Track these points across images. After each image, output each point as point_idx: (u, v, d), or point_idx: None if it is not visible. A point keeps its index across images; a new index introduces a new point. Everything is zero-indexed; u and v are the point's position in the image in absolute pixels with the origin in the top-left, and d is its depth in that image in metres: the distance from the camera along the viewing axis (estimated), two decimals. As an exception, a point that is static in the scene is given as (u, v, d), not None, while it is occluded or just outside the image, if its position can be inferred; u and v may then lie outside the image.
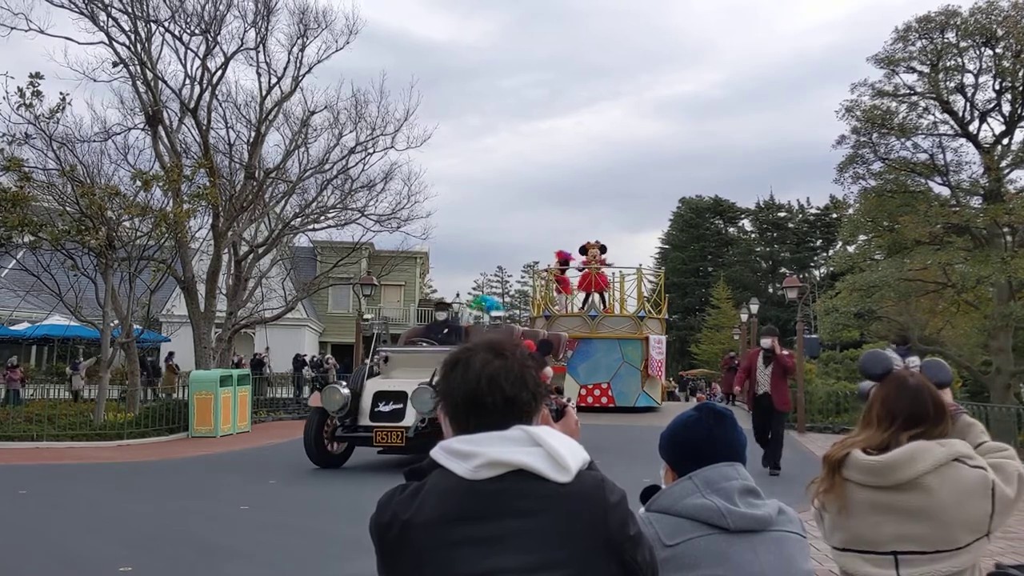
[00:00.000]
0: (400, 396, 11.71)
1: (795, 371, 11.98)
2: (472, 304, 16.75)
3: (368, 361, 13.17)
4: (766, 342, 11.96)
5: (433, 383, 10.87)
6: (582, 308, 25.73)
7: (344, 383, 12.46)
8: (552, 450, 1.67)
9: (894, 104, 31.36)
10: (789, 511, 2.17)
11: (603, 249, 26.58)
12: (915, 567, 2.40)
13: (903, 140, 31.16)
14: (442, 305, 15.02)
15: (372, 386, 12.21)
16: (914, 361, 2.67)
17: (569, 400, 15.44)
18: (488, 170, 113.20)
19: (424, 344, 13.28)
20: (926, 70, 30.90)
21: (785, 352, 11.95)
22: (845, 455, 2.51)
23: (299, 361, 31.86)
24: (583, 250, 26.36)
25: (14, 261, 21.38)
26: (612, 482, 1.73)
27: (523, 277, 74.07)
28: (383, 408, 11.79)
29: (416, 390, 11.29)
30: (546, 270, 27.08)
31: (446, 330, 13.42)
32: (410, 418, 11.40)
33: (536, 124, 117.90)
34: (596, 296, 25.82)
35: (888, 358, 2.67)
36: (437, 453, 1.73)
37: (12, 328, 27.84)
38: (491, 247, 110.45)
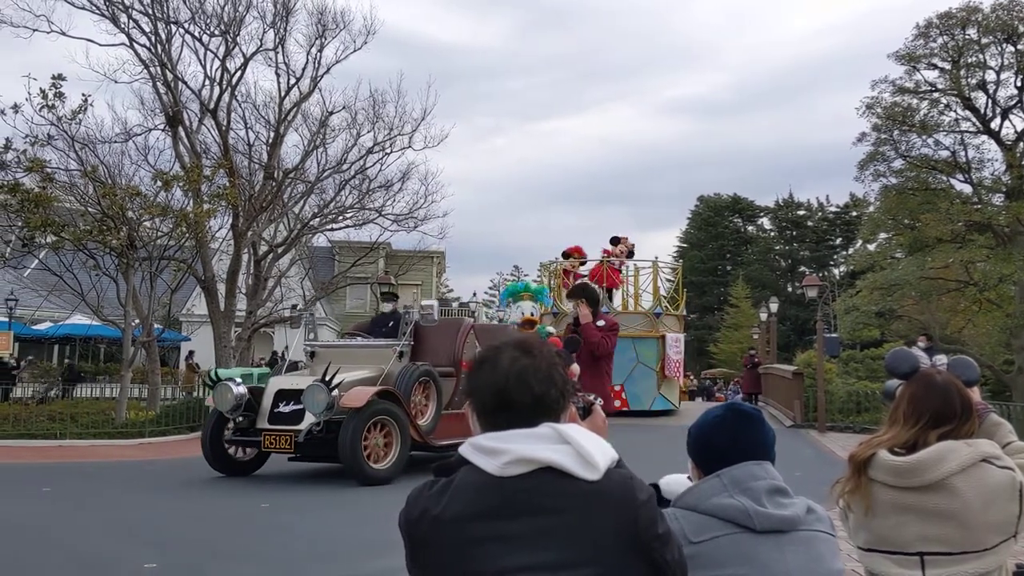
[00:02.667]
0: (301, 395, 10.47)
1: (607, 352, 7.75)
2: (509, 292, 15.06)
3: (289, 357, 12.07)
4: (570, 307, 8.19)
5: (325, 380, 10.09)
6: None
7: (239, 380, 11.21)
8: (580, 448, 1.67)
9: (915, 101, 31.17)
10: (819, 510, 2.15)
11: (630, 255, 24.86)
12: (941, 568, 2.38)
13: (924, 137, 30.97)
14: (388, 296, 13.50)
15: (275, 384, 11.03)
16: (941, 359, 2.65)
17: (596, 398, 15.04)
18: (498, 171, 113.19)
19: (360, 338, 12.35)
20: (947, 67, 30.67)
21: (599, 323, 7.77)
22: (871, 455, 2.49)
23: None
24: (615, 240, 24.66)
25: (37, 261, 21.57)
26: (641, 480, 1.73)
27: (539, 277, 73.98)
28: (283, 409, 10.59)
29: (308, 388, 10.18)
30: (554, 262, 25.30)
31: (391, 323, 12.15)
32: (309, 420, 10.20)
33: (545, 125, 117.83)
34: (604, 293, 23.82)
35: (915, 356, 2.66)
36: (466, 450, 1.74)
37: (35, 327, 28.11)
38: (504, 247, 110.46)
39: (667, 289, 25.07)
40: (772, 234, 75.07)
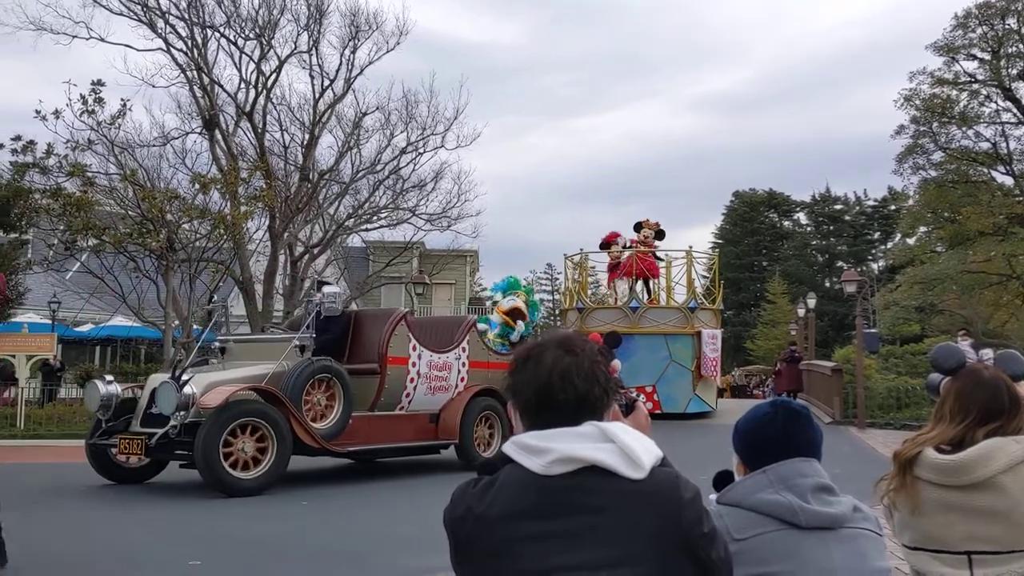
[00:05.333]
0: None
1: None
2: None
3: (192, 354, 11.20)
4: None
5: (175, 376, 9.13)
6: (630, 294, 21.98)
7: (111, 377, 10.25)
8: (625, 446, 1.67)
9: (954, 92, 30.72)
10: (865, 509, 2.13)
11: (660, 235, 22.84)
12: (989, 567, 2.35)
13: (964, 129, 30.52)
14: (322, 285, 11.96)
15: (152, 383, 9.83)
16: (987, 354, 2.61)
17: (639, 395, 14.74)
18: (529, 169, 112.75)
19: (278, 332, 11.61)
20: (987, 57, 30.19)
21: None
22: (917, 454, 2.46)
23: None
24: (638, 227, 22.86)
25: (78, 264, 21.96)
26: (686, 478, 1.72)
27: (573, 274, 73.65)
28: (154, 410, 9.41)
29: (159, 386, 9.22)
30: (579, 253, 23.52)
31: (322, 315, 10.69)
32: (175, 422, 9.06)
33: (574, 122, 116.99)
34: (639, 284, 22.24)
35: (961, 351, 2.62)
36: (509, 448, 1.74)
37: (77, 329, 28.58)
38: (537, 245, 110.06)
39: (702, 282, 23.91)
40: (809, 229, 74.33)
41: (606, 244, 22.93)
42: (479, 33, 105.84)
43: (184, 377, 9.24)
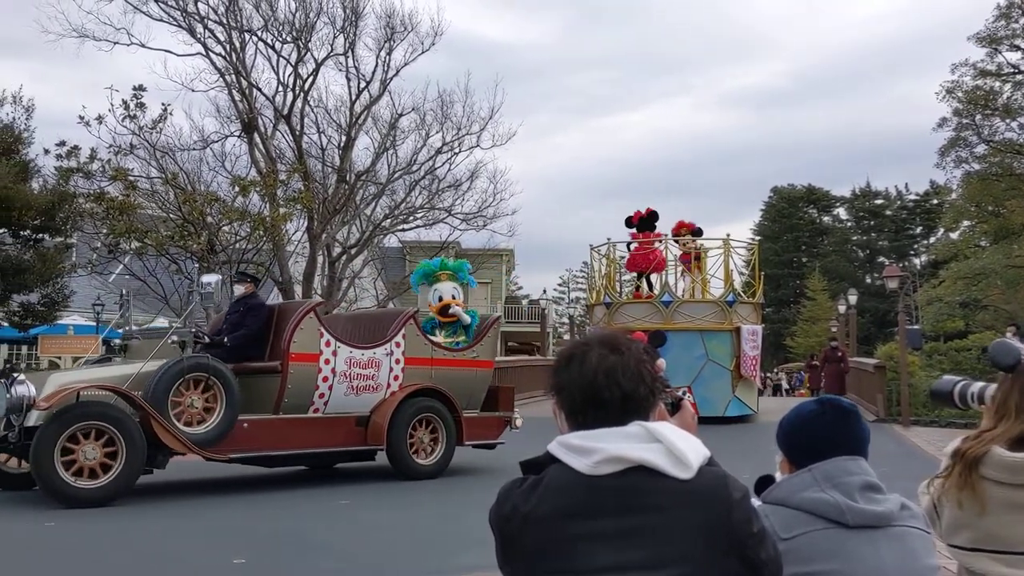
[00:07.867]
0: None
1: None
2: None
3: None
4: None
5: (7, 375, 8.57)
6: (641, 290, 20.23)
7: None
8: (672, 446, 1.66)
9: (997, 84, 30.15)
10: (913, 507, 2.10)
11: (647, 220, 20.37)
12: None
13: (1008, 121, 29.93)
14: (240, 276, 10.91)
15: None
16: (1032, 350, 2.56)
17: (685, 394, 14.01)
18: (563, 167, 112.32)
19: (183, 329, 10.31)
20: (1031, 47, 29.57)
21: None
22: (985, 452, 2.41)
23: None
24: (646, 226, 20.60)
25: (121, 266, 22.34)
26: (735, 478, 1.71)
27: (600, 266, 73.00)
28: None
29: None
30: (606, 244, 21.47)
31: (241, 309, 9.97)
32: (29, 422, 8.15)
33: (605, 120, 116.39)
34: (648, 280, 20.11)
35: (1017, 348, 2.57)
36: (555, 448, 1.74)
37: (120, 331, 29.07)
38: (573, 243, 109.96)
39: (740, 275, 22.17)
40: (849, 224, 73.45)
41: (680, 231, 20.95)
42: (507, 32, 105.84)
43: (17, 376, 8.46)
